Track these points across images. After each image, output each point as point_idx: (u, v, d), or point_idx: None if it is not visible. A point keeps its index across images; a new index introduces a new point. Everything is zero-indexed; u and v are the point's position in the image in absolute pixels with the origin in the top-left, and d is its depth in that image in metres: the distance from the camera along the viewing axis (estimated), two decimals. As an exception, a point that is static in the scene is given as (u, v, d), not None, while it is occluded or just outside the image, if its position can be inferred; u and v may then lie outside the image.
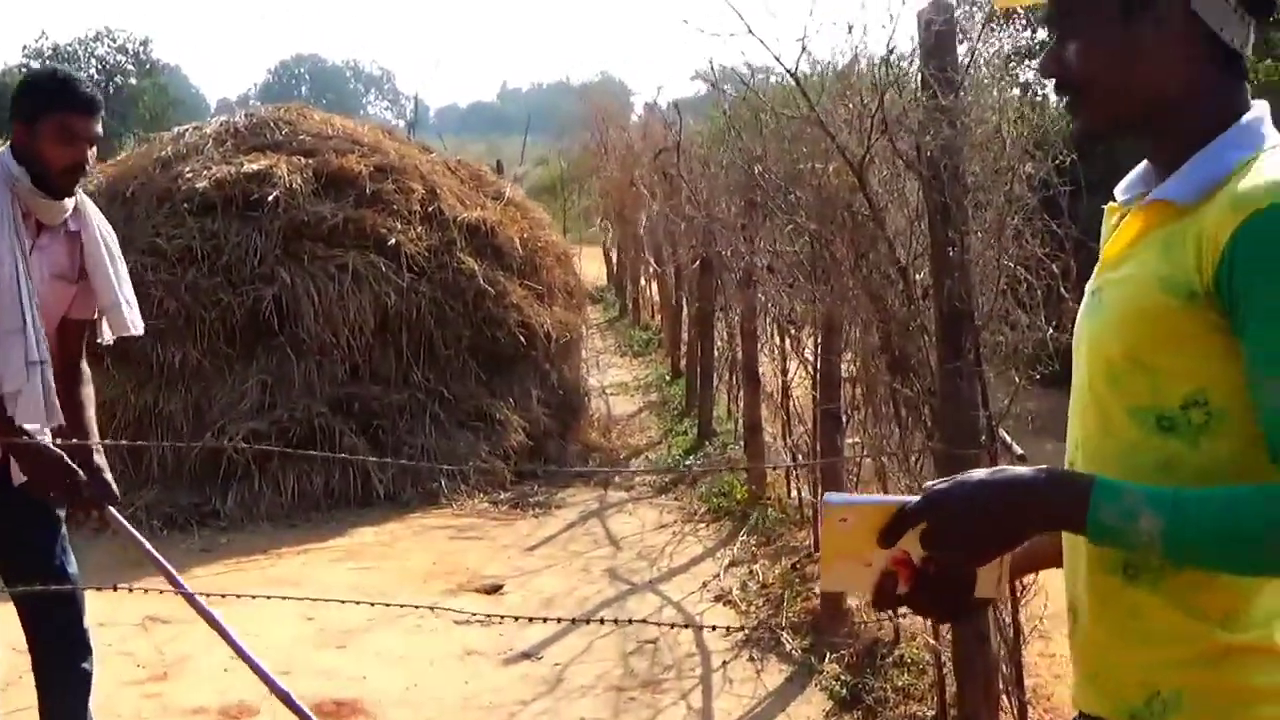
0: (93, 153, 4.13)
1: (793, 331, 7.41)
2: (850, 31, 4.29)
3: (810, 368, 6.88)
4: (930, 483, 1.85)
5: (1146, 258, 1.78)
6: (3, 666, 5.86)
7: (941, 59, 3.78)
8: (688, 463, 10.28)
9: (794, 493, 8.27)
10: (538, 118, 44.26)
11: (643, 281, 19.08)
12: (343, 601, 5.22)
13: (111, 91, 58.96)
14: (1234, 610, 1.74)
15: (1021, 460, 4.23)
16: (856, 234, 4.46)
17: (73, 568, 4.36)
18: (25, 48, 61.63)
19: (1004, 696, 4.27)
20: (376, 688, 6.01)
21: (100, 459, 4.31)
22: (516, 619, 5.17)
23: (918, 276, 4.19)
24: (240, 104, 12.39)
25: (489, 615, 5.85)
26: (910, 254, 4.22)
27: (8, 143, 4.17)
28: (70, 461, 4.01)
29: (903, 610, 2.08)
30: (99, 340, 4.47)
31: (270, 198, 9.59)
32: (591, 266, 24.36)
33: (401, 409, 9.62)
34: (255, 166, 9.82)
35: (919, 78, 3.90)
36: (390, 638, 6.61)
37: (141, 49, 62.54)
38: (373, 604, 5.32)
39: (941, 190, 3.68)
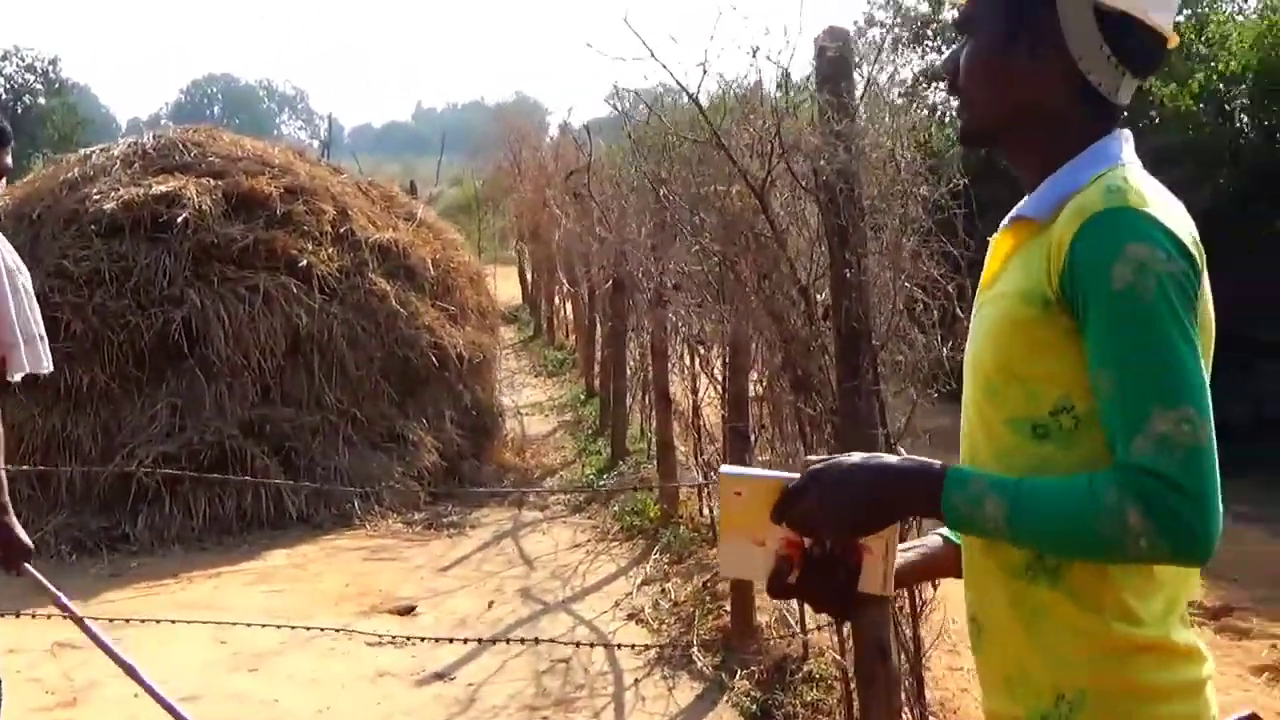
0: (1, 183, 4.03)
1: (702, 351, 7.49)
2: (754, 55, 4.33)
3: (719, 387, 6.96)
4: (810, 458, 1.95)
5: (1013, 274, 1.89)
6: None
7: (836, 84, 3.87)
8: (601, 482, 10.33)
9: (705, 511, 8.33)
10: (453, 138, 44.20)
11: (557, 301, 19.11)
12: (249, 625, 5.21)
13: (19, 111, 58.18)
14: (1128, 605, 1.82)
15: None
16: (759, 255, 4.53)
17: None
18: (-70, 68, 60.69)
19: (906, 710, 4.34)
20: (288, 711, 6.01)
21: (9, 514, 4.20)
22: (424, 639, 5.18)
23: (819, 297, 4.27)
24: (151, 124, 12.33)
25: (404, 637, 5.87)
26: (811, 275, 4.31)
27: None
28: None
29: (811, 625, 2.15)
30: (8, 379, 4.28)
31: (179, 219, 9.54)
32: (507, 287, 24.37)
33: (314, 430, 9.58)
34: (164, 188, 9.76)
35: (816, 102, 3.99)
36: (302, 660, 6.60)
37: (50, 68, 61.82)
38: (279, 626, 5.31)
39: (838, 213, 3.76)
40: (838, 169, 3.70)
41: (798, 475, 1.92)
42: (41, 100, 60.20)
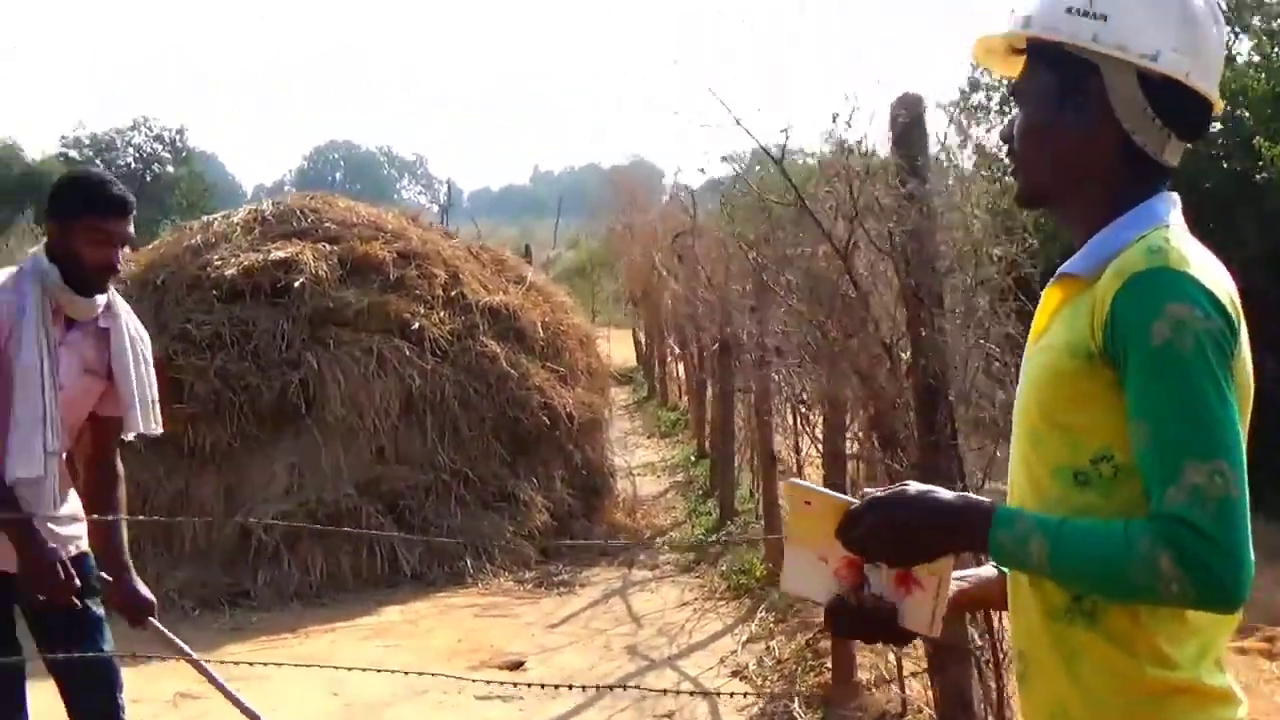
0: (124, 253, 4.23)
1: (802, 411, 7.59)
2: (834, 121, 4.46)
3: (819, 446, 7.05)
4: (871, 489, 2.09)
5: (1059, 328, 2.01)
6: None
7: (909, 149, 4.00)
8: (709, 540, 10.42)
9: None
10: (570, 200, 44.76)
11: (670, 363, 19.26)
12: (365, 670, 5.38)
13: (148, 180, 59.78)
14: (1162, 650, 1.92)
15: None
16: (845, 315, 4.65)
17: (108, 644, 4.45)
18: (63, 137, 62.53)
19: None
20: (398, 761, 6.17)
21: (131, 572, 4.42)
22: (531, 685, 5.31)
23: (903, 355, 4.38)
24: (275, 190, 12.75)
25: (512, 684, 6.00)
26: (894, 334, 4.41)
27: (42, 240, 4.32)
28: (67, 565, 4.05)
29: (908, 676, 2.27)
30: (123, 436, 4.53)
31: (297, 284, 9.83)
32: (622, 349, 24.59)
33: (427, 489, 9.79)
34: (282, 254, 10.07)
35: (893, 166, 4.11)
36: (413, 712, 6.77)
37: (177, 137, 63.41)
38: (393, 672, 5.47)
39: (909, 273, 3.87)
40: (908, 230, 3.82)
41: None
42: (169, 169, 61.83)
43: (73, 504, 4.38)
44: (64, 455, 4.24)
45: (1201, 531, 1.74)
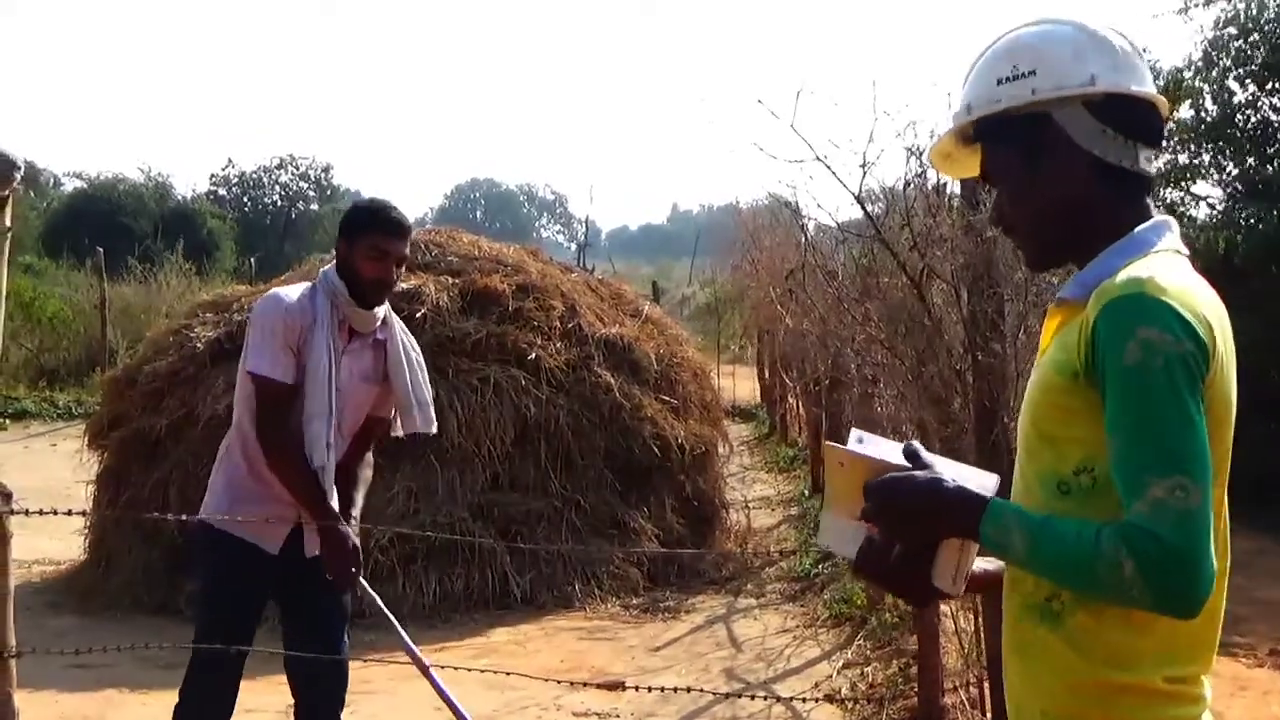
0: (400, 271, 4.88)
1: (894, 438, 7.70)
2: (909, 158, 4.62)
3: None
4: (911, 443, 2.30)
5: (1055, 347, 2.20)
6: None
7: (971, 180, 4.13)
8: (815, 572, 10.53)
9: (908, 599, 8.45)
10: (707, 239, 44.84)
11: (791, 399, 19.34)
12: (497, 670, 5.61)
13: (294, 217, 61.19)
14: (1119, 652, 2.09)
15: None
16: (920, 342, 4.79)
17: (347, 647, 5.09)
18: (213, 176, 64.27)
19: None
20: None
21: (351, 519, 4.93)
22: (632, 688, 5.49)
23: (970, 380, 4.52)
24: (417, 226, 13.10)
25: (616, 684, 6.18)
26: (964, 361, 4.55)
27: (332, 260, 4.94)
28: (359, 552, 4.71)
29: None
30: (393, 434, 5.23)
31: (419, 314, 10.13)
32: (747, 385, 24.70)
33: (539, 516, 10.03)
34: (406, 285, 10.38)
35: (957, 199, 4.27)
36: (515, 727, 7.00)
37: (323, 175, 64.75)
38: (494, 672, 5.71)
39: (962, 300, 4.02)
40: (963, 259, 3.97)
41: (899, 462, 2.24)
42: (315, 206, 63.14)
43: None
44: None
45: (1162, 541, 1.90)
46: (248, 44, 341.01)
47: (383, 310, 4.90)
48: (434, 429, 5.19)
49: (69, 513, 5.21)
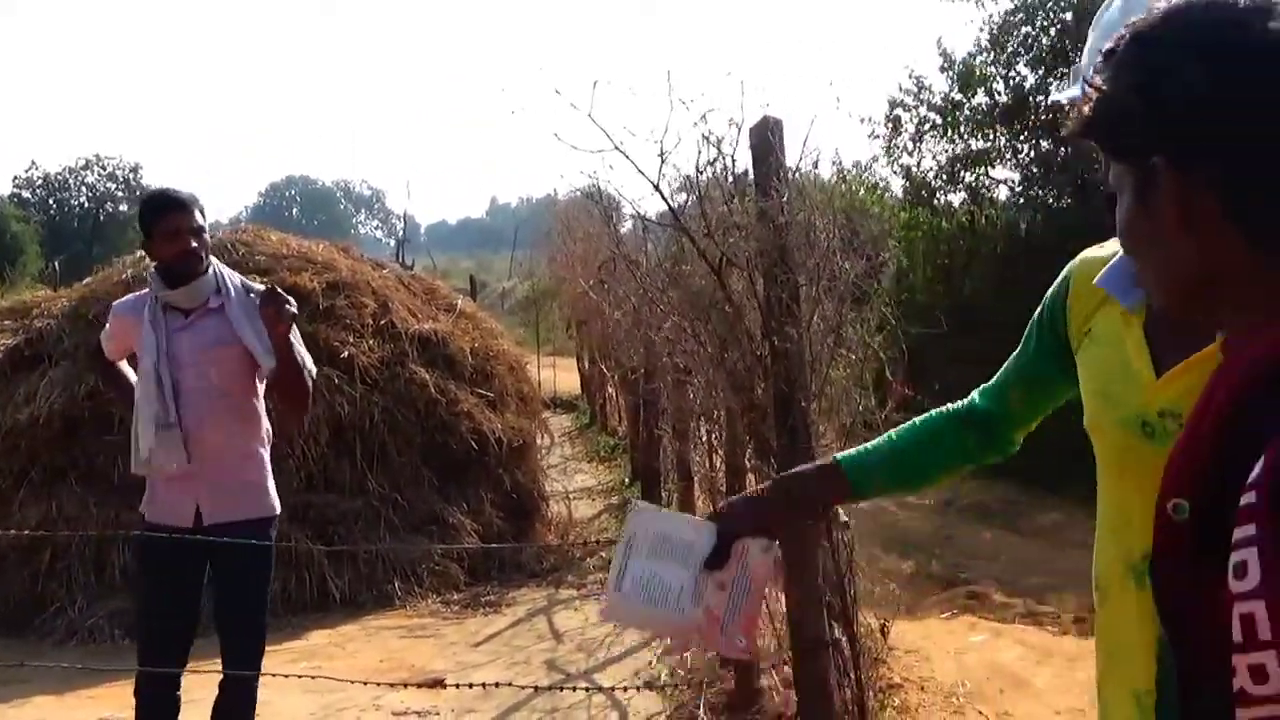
0: (203, 239, 5.11)
1: (707, 426, 7.78)
2: (708, 142, 4.66)
3: (725, 461, 7.24)
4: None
5: None
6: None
7: (764, 169, 4.20)
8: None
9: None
10: (526, 232, 44.75)
11: (610, 389, 19.44)
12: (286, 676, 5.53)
13: (101, 219, 59.69)
14: None
15: (845, 528, 4.62)
16: (721, 329, 4.84)
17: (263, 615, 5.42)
18: (16, 178, 62.40)
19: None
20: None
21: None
22: (458, 683, 5.46)
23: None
24: (232, 225, 12.86)
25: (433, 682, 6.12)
26: (764, 347, 4.61)
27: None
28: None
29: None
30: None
31: (226, 314, 9.96)
32: (569, 376, 24.75)
33: (357, 515, 9.94)
34: (212, 286, 10.20)
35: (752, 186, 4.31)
36: (333, 730, 6.93)
37: (131, 175, 63.28)
38: (300, 675, 5.63)
39: (765, 286, 4.07)
40: (756, 245, 4.02)
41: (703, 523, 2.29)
42: (123, 207, 61.65)
43: (246, 468, 5.26)
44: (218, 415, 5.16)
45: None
46: (52, 43, 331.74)
47: (209, 282, 5.14)
48: (312, 370, 5.36)
49: None
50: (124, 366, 5.54)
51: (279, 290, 5.02)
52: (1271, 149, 1.28)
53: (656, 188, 4.75)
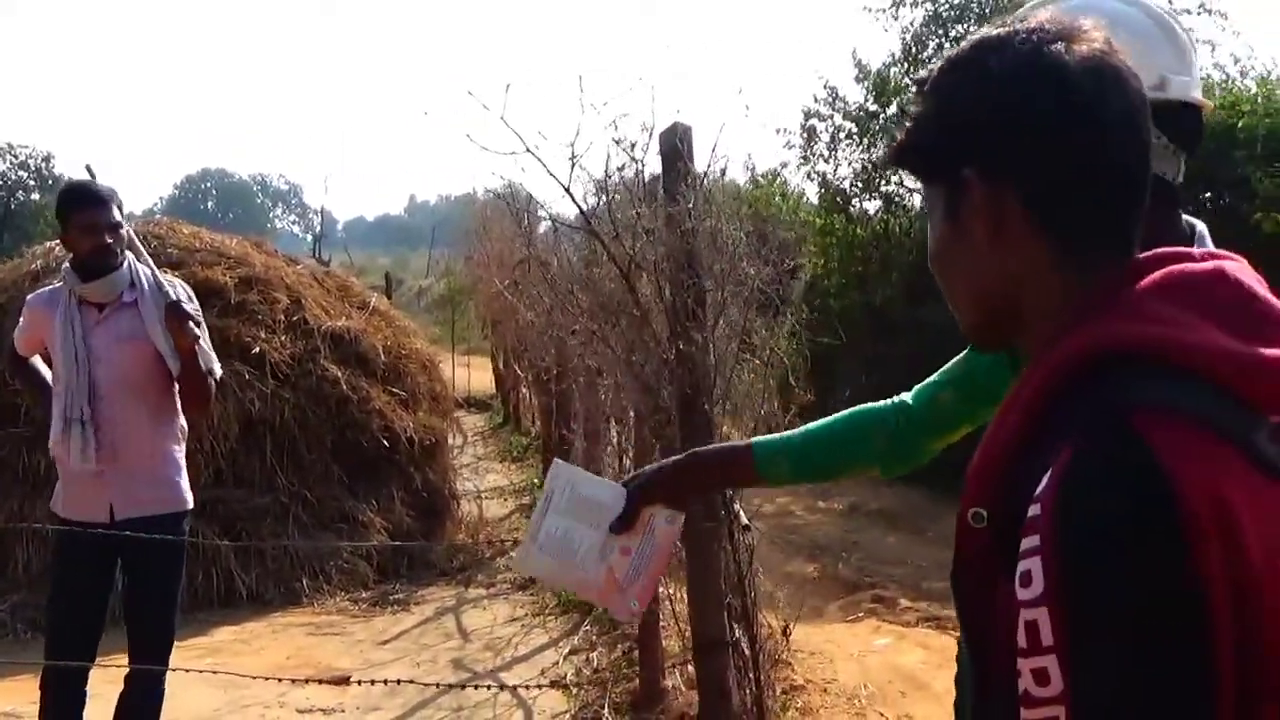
0: (119, 235, 5.09)
1: (617, 428, 7.84)
2: (620, 146, 4.72)
3: (631, 461, 7.31)
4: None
5: None
6: None
7: (673, 175, 4.26)
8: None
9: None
10: (445, 230, 44.55)
11: (523, 389, 19.44)
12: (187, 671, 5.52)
13: (13, 207, 58.75)
14: None
15: (747, 531, 4.69)
16: (629, 332, 4.90)
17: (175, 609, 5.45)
18: (-78, 167, 61.23)
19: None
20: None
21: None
22: (362, 681, 5.47)
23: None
24: (146, 217, 12.74)
25: (329, 683, 6.14)
26: (671, 350, 4.67)
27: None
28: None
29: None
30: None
31: (136, 307, 9.87)
32: (483, 376, 24.68)
33: (265, 512, 9.89)
34: (124, 279, 10.09)
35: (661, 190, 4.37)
36: (236, 727, 6.91)
37: (44, 164, 62.32)
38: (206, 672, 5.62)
39: (671, 290, 4.14)
40: (664, 250, 4.08)
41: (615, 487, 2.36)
42: (35, 196, 60.67)
43: (159, 463, 5.26)
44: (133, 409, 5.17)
45: None
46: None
47: (123, 276, 5.14)
48: (216, 370, 5.38)
49: None
50: (37, 362, 5.51)
51: (182, 306, 5.04)
52: (1069, 161, 1.37)
53: (567, 190, 4.80)
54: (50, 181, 61.80)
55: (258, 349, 10.23)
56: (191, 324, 5.01)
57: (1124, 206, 1.40)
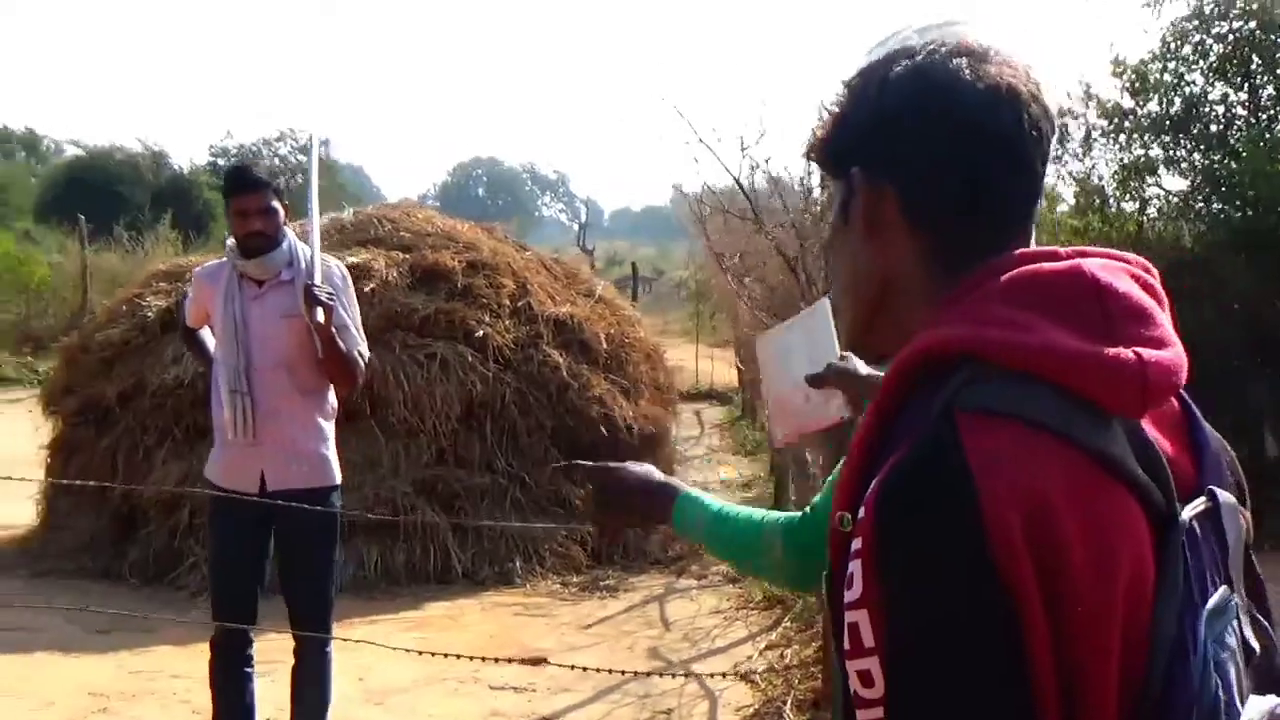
0: (273, 220, 5.27)
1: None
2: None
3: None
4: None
5: None
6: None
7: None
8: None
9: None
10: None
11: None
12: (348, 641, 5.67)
13: (289, 189, 61.08)
14: None
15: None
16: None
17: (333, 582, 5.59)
18: (212, 146, 64.14)
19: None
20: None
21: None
22: (498, 661, 5.53)
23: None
24: (422, 202, 13.21)
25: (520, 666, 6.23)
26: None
27: None
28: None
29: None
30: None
31: (367, 289, 10.16)
32: (724, 369, 24.68)
33: (484, 492, 10.08)
34: (355, 259, 10.40)
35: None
36: (428, 697, 7.09)
37: (323, 148, 64.54)
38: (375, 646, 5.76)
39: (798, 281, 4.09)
40: (801, 242, 4.03)
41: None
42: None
43: (307, 437, 5.44)
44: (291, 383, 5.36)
45: None
46: (253, 22, 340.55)
47: (282, 254, 5.34)
48: (365, 352, 5.55)
49: (8, 479, 5.79)
50: (205, 333, 5.68)
51: (313, 289, 5.13)
52: (946, 173, 1.39)
53: (739, 184, 4.79)
54: (328, 165, 64.05)
55: (481, 332, 10.43)
56: (321, 308, 5.09)
57: (1000, 220, 1.40)
